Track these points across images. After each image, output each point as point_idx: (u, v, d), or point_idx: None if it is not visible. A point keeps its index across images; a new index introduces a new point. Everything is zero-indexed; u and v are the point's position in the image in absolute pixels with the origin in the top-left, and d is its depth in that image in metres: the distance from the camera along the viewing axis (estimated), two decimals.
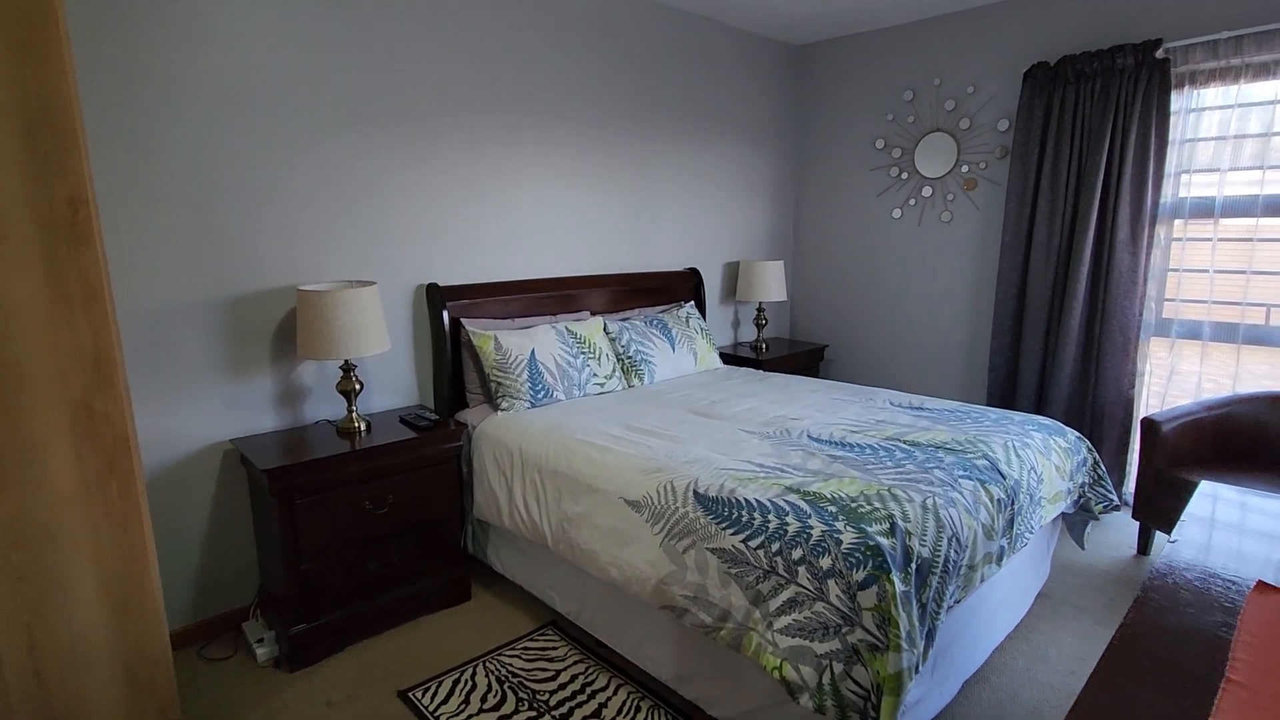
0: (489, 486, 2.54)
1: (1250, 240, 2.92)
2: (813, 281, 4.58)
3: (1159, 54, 2.98)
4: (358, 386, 2.44)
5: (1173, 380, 3.22)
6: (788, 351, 4.07)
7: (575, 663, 2.24)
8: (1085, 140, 3.22)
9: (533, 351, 2.80)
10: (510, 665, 2.23)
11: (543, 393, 2.76)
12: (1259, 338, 2.97)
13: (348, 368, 2.42)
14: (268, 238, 2.40)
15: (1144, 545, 2.95)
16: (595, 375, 2.95)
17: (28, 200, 1.30)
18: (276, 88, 2.35)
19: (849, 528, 1.63)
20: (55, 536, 1.40)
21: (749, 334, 4.45)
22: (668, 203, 3.79)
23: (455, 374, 2.88)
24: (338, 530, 2.25)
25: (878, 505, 1.73)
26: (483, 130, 2.93)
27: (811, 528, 1.65)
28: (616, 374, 3.05)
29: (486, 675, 2.18)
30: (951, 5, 3.60)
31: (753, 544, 1.69)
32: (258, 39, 2.29)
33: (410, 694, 2.10)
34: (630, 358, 3.14)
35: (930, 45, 3.82)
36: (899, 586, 1.52)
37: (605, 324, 3.19)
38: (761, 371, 3.44)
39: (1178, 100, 3.01)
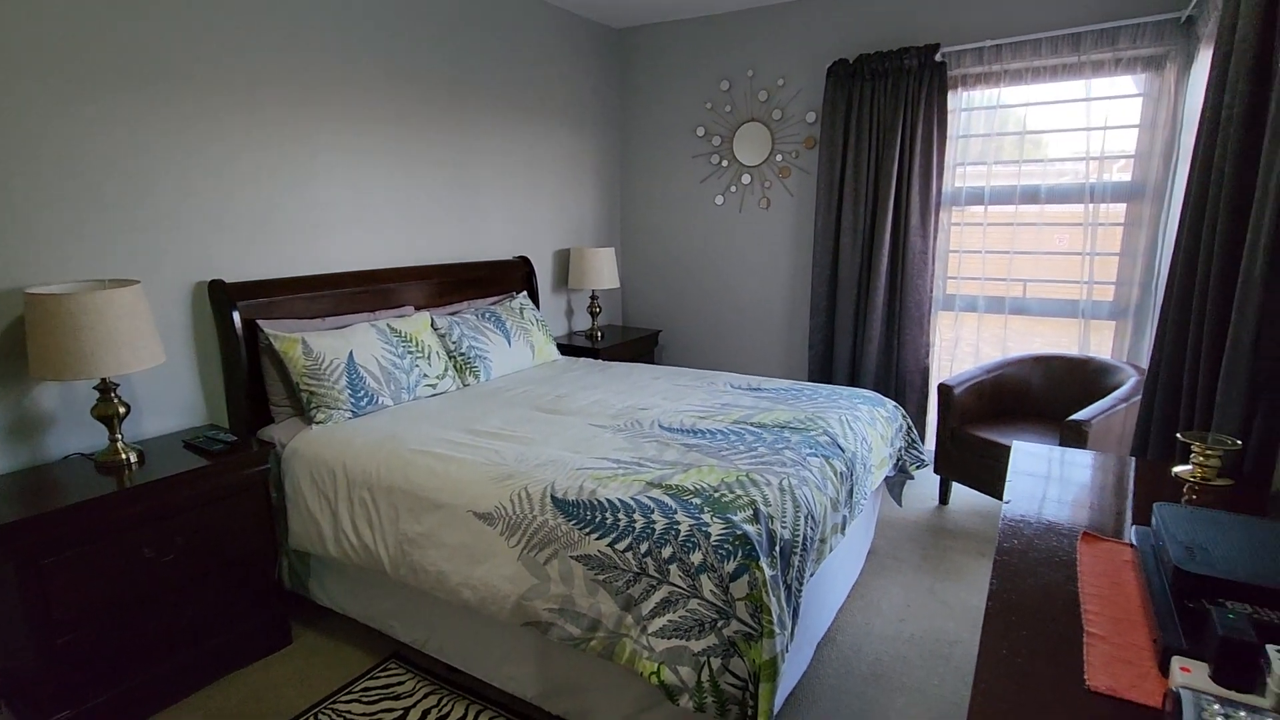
0: (307, 512, 2.20)
1: (1011, 225, 3.39)
2: (642, 268, 4.60)
3: (938, 57, 3.32)
4: (122, 410, 1.98)
5: (957, 348, 3.66)
6: (622, 339, 4.05)
7: (426, 695, 2.03)
8: (881, 133, 3.52)
9: (351, 354, 2.48)
10: (349, 712, 1.96)
11: (366, 400, 2.45)
12: (1020, 308, 3.47)
13: (106, 387, 1.95)
14: None
15: (944, 496, 3.33)
16: (426, 376, 2.69)
17: None
18: None
19: (716, 519, 1.60)
20: None
21: (583, 323, 4.37)
22: (492, 187, 3.56)
23: (254, 386, 2.47)
24: (107, 589, 1.82)
25: (740, 493, 1.72)
26: (271, 95, 2.51)
27: (679, 523, 1.60)
28: (449, 373, 2.81)
29: None
30: None
31: (620, 546, 1.61)
32: None
33: None
34: (463, 354, 2.91)
35: (743, 37, 3.96)
36: (768, 572, 1.52)
37: (432, 319, 2.92)
38: (602, 361, 3.37)
39: (954, 100, 3.40)
